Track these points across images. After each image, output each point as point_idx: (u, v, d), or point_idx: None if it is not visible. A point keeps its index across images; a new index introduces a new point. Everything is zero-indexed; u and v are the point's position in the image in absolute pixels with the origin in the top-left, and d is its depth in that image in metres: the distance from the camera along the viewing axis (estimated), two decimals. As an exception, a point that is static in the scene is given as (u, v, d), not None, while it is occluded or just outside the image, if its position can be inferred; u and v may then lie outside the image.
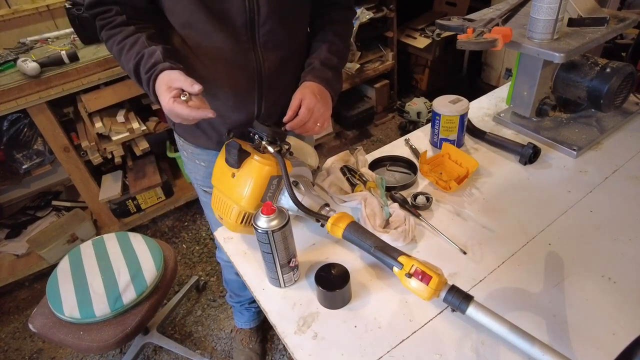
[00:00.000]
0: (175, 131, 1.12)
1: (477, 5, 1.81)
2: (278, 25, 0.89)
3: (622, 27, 0.96)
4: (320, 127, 0.93)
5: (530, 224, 0.88)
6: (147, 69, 0.81)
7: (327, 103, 0.95)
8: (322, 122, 0.93)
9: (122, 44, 0.86)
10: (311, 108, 0.90)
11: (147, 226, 2.36)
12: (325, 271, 0.77)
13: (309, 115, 0.90)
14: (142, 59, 0.82)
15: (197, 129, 1.05)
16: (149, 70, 0.81)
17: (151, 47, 0.83)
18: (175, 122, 1.07)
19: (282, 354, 1.68)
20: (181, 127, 1.08)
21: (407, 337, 0.71)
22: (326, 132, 2.80)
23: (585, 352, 0.66)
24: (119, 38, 0.87)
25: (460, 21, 0.98)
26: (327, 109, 0.94)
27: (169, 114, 0.78)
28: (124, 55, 0.86)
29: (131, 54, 0.85)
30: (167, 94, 0.75)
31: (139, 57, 0.83)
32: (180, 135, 1.11)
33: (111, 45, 0.89)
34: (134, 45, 0.85)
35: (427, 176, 1.02)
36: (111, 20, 0.88)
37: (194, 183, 1.21)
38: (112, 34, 0.88)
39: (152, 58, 0.81)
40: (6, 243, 2.08)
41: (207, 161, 1.11)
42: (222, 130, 1.02)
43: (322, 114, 0.93)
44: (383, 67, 2.81)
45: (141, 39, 0.86)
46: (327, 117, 0.95)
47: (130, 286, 1.32)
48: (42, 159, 1.95)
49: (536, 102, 1.10)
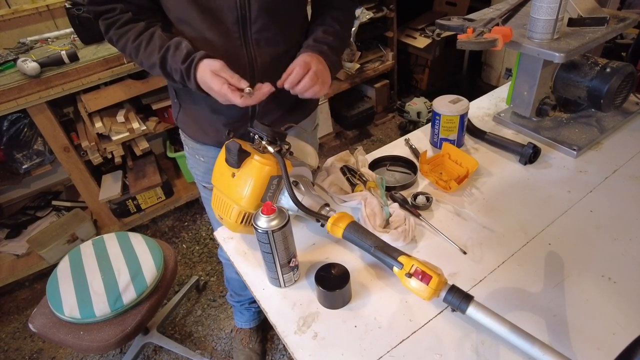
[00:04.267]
0: (178, 125, 1.13)
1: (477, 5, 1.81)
2: (270, 23, 0.90)
3: (622, 27, 0.95)
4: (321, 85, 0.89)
5: (530, 224, 0.88)
6: (183, 58, 0.85)
7: (325, 66, 0.92)
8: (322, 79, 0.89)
9: (138, 40, 0.88)
10: (307, 62, 0.88)
11: (147, 226, 2.36)
12: (325, 271, 0.77)
13: (307, 68, 0.88)
14: (169, 51, 0.86)
15: (195, 124, 1.06)
16: (186, 60, 0.85)
17: (175, 39, 0.87)
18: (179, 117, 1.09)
19: (282, 354, 1.68)
20: (182, 121, 1.09)
21: (407, 337, 0.71)
22: (326, 132, 2.80)
23: (585, 352, 0.66)
24: (132, 36, 0.88)
25: (460, 21, 0.98)
26: (325, 69, 0.92)
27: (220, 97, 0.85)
28: (142, 51, 0.88)
29: (152, 48, 0.87)
30: (218, 80, 0.83)
31: (165, 50, 0.86)
32: (182, 129, 1.13)
33: (124, 44, 0.90)
34: (152, 39, 0.88)
35: (427, 176, 1.02)
36: (117, 19, 0.89)
37: (195, 178, 1.22)
38: (122, 32, 0.89)
39: (181, 49, 0.85)
40: (6, 243, 2.08)
41: (206, 157, 1.12)
42: (218, 126, 1.02)
43: (321, 70, 0.90)
44: (383, 67, 2.81)
45: (157, 32, 0.88)
46: (328, 78, 0.92)
47: (130, 286, 1.32)
48: (42, 159, 1.95)
49: (536, 102, 1.10)
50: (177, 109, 1.09)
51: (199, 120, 1.04)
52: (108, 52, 1.78)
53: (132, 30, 0.89)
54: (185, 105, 1.06)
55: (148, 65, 0.90)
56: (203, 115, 1.03)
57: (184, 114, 1.07)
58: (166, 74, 0.89)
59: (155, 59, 0.87)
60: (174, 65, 0.86)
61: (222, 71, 0.84)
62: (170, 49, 0.86)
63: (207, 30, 0.88)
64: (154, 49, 0.87)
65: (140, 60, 0.90)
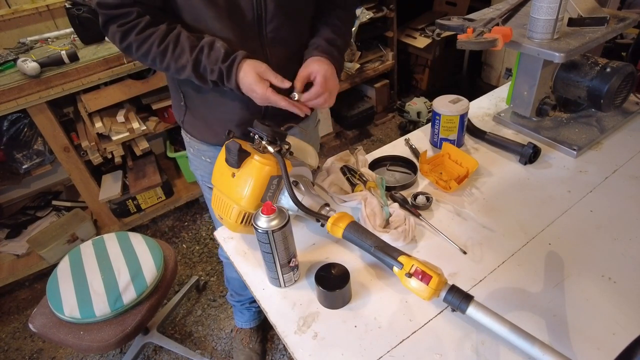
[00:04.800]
0: (183, 127, 1.13)
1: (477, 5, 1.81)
2: (284, 23, 0.91)
3: (622, 26, 0.95)
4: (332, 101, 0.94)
5: (530, 224, 0.88)
6: (223, 57, 0.84)
7: (336, 78, 0.95)
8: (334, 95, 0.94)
9: (165, 44, 0.85)
10: (326, 78, 0.90)
11: (147, 226, 2.36)
12: (325, 271, 0.77)
13: (326, 86, 0.90)
14: (203, 51, 0.85)
15: (205, 125, 1.06)
16: (227, 59, 0.84)
17: (206, 39, 0.86)
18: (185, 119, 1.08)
19: (282, 354, 1.68)
20: (189, 123, 1.09)
21: (407, 337, 0.71)
22: (326, 132, 2.80)
23: (585, 352, 0.66)
24: (157, 40, 0.85)
25: (460, 21, 0.98)
26: (336, 81, 0.95)
27: (262, 100, 0.87)
28: (169, 55, 0.86)
29: (181, 49, 0.85)
30: (262, 83, 0.84)
31: (199, 50, 0.85)
32: (188, 131, 1.12)
33: (147, 50, 0.86)
34: (179, 41, 0.86)
35: (427, 176, 1.02)
36: (135, 24, 0.85)
37: (199, 179, 1.22)
38: (144, 37, 0.85)
39: (217, 48, 0.85)
40: (6, 243, 2.08)
41: (213, 158, 1.11)
42: (230, 127, 1.02)
43: (335, 86, 0.93)
44: (383, 67, 2.81)
45: (183, 34, 0.86)
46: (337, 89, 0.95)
47: (130, 286, 1.32)
48: (42, 159, 1.94)
49: (536, 102, 1.10)
50: (182, 111, 1.07)
51: (210, 122, 1.04)
52: (108, 52, 1.78)
53: (155, 34, 0.85)
54: (194, 108, 1.05)
55: (176, 68, 0.87)
56: (213, 117, 1.02)
57: (192, 117, 1.07)
58: (198, 75, 0.87)
59: (185, 60, 0.85)
60: (210, 65, 0.85)
61: (267, 73, 0.85)
62: (204, 49, 0.85)
63: (223, 31, 0.87)
64: (183, 51, 0.85)
65: (166, 64, 0.87)
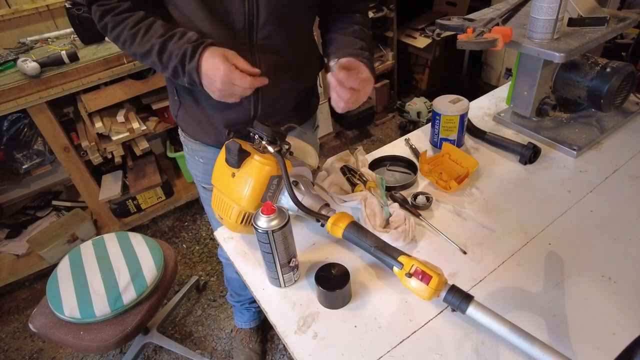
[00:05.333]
0: (177, 123, 1.13)
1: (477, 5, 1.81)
2: (277, 31, 0.90)
3: (622, 26, 0.95)
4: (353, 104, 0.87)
5: (530, 224, 0.88)
6: (193, 40, 0.83)
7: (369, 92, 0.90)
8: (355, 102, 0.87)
9: (137, 27, 0.86)
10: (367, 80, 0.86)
11: (147, 226, 2.36)
12: (325, 271, 0.77)
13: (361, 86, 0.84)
14: (173, 38, 0.84)
15: (196, 122, 1.05)
16: (196, 41, 0.83)
17: (180, 28, 0.85)
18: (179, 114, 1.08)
19: (282, 354, 1.68)
20: (182, 119, 1.09)
21: (407, 337, 0.71)
22: (326, 132, 2.80)
23: (585, 352, 0.66)
24: (131, 22, 0.86)
25: (460, 21, 0.98)
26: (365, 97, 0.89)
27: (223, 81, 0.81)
28: (140, 37, 0.86)
29: (152, 34, 0.85)
30: (226, 62, 0.80)
31: (169, 36, 0.84)
32: (182, 128, 1.12)
33: (121, 30, 0.87)
34: (151, 27, 0.86)
35: (427, 176, 1.02)
36: (115, 6, 0.87)
37: (194, 179, 1.22)
38: (120, 19, 0.87)
39: (189, 35, 0.84)
40: (6, 243, 2.08)
41: (205, 158, 1.11)
42: (219, 127, 1.02)
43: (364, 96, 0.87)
44: (383, 67, 2.82)
45: (158, 22, 0.86)
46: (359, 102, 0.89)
47: (131, 286, 1.32)
48: (42, 159, 1.95)
49: (536, 102, 1.10)
50: (176, 106, 1.07)
51: (200, 120, 1.04)
52: (108, 52, 1.78)
53: (131, 17, 0.86)
54: (186, 103, 1.05)
55: (142, 52, 0.86)
56: (204, 115, 1.02)
57: (184, 112, 1.07)
58: (160, 59, 0.85)
59: (152, 43, 0.84)
60: (176, 49, 0.83)
61: (235, 57, 0.82)
62: (175, 36, 0.84)
63: (213, 34, 0.87)
64: (154, 35, 0.84)
65: (134, 48, 0.87)
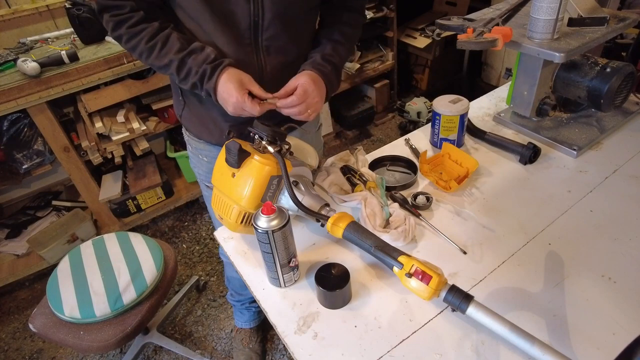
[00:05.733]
0: (181, 122, 1.13)
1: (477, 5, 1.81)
2: (282, 31, 0.90)
3: (622, 26, 0.95)
4: (308, 114, 0.91)
5: (530, 224, 0.88)
6: (211, 59, 0.86)
7: (321, 93, 0.93)
8: (312, 110, 0.91)
9: (153, 41, 0.87)
10: (307, 91, 0.89)
11: (147, 226, 2.36)
12: (325, 271, 0.77)
13: (304, 98, 0.88)
14: (193, 54, 0.86)
15: (200, 122, 1.06)
16: (214, 61, 0.86)
17: (196, 43, 0.88)
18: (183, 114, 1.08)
19: (282, 354, 1.68)
20: (187, 118, 1.09)
21: (407, 337, 0.71)
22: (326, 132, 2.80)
23: (585, 352, 0.66)
24: (146, 36, 0.87)
25: (460, 21, 0.98)
26: (320, 99, 0.93)
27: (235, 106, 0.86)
28: (157, 51, 0.87)
29: (169, 49, 0.87)
30: (242, 90, 0.85)
31: (187, 52, 0.86)
32: (186, 126, 1.13)
33: (136, 44, 0.88)
34: (168, 41, 0.87)
35: (427, 176, 1.02)
36: (128, 17, 0.87)
37: (197, 177, 1.22)
38: (135, 31, 0.87)
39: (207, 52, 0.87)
40: (6, 243, 2.08)
41: (209, 157, 1.12)
42: (223, 127, 1.03)
43: (316, 102, 0.91)
44: (383, 67, 2.81)
45: (173, 35, 0.88)
46: (319, 107, 0.94)
47: (131, 286, 1.32)
48: (42, 159, 1.94)
49: (536, 102, 1.10)
50: (181, 106, 1.08)
51: (204, 119, 1.04)
52: (108, 52, 1.78)
53: (146, 30, 0.87)
54: (190, 103, 1.05)
55: (159, 65, 0.88)
56: (208, 115, 1.03)
57: (189, 112, 1.07)
58: (181, 75, 0.88)
59: (170, 58, 0.86)
60: (195, 67, 0.86)
61: (250, 83, 0.86)
62: (193, 52, 0.86)
63: (218, 34, 0.88)
64: (171, 50, 0.86)
65: (151, 61, 0.89)
